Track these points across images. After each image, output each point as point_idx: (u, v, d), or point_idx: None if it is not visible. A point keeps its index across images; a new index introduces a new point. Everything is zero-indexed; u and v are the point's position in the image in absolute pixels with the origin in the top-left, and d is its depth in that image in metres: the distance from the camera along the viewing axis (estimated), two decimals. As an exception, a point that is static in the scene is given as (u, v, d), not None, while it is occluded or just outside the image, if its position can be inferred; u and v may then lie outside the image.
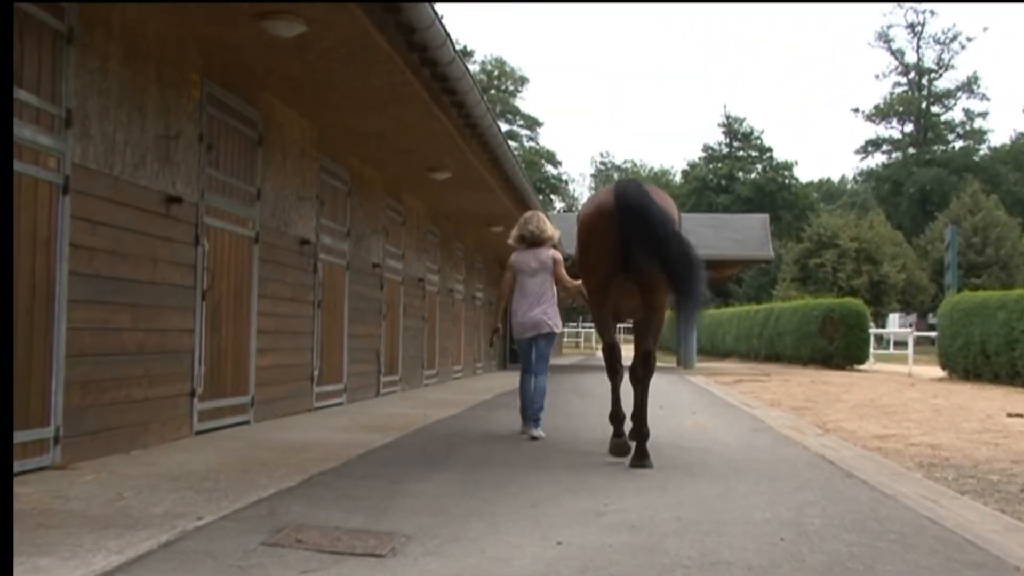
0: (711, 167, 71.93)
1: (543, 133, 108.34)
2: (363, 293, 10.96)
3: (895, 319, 47.74)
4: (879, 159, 74.40)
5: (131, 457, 5.54)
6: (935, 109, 71.67)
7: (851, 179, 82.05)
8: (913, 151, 70.22)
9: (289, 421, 8.03)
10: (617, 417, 6.31)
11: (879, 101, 73.37)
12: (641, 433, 5.85)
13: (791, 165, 70.30)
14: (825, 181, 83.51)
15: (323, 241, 9.50)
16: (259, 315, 7.80)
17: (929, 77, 71.26)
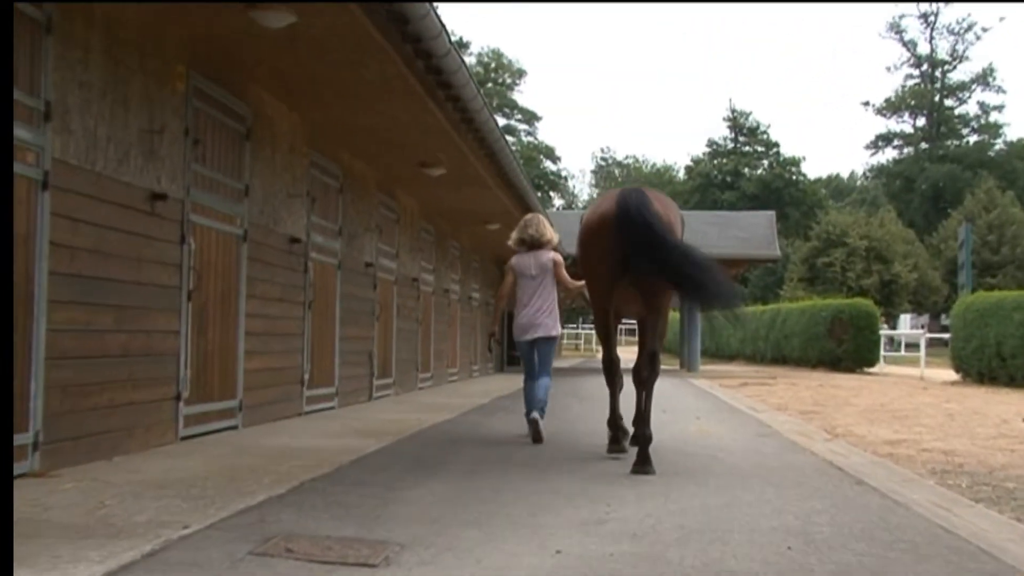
0: (716, 163, 71.94)
1: (542, 128, 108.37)
2: (355, 293, 10.95)
3: (906, 320, 47.85)
4: (890, 154, 74.48)
5: (114, 464, 5.53)
6: (949, 102, 71.66)
7: (861, 175, 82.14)
8: (926, 146, 70.24)
9: (278, 426, 8.03)
10: (615, 424, 6.60)
11: (890, 94, 73.36)
12: (644, 436, 5.89)
13: (799, 161, 70.36)
14: (834, 177, 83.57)
15: (314, 239, 9.49)
16: (247, 316, 7.80)
17: (943, 69, 71.26)
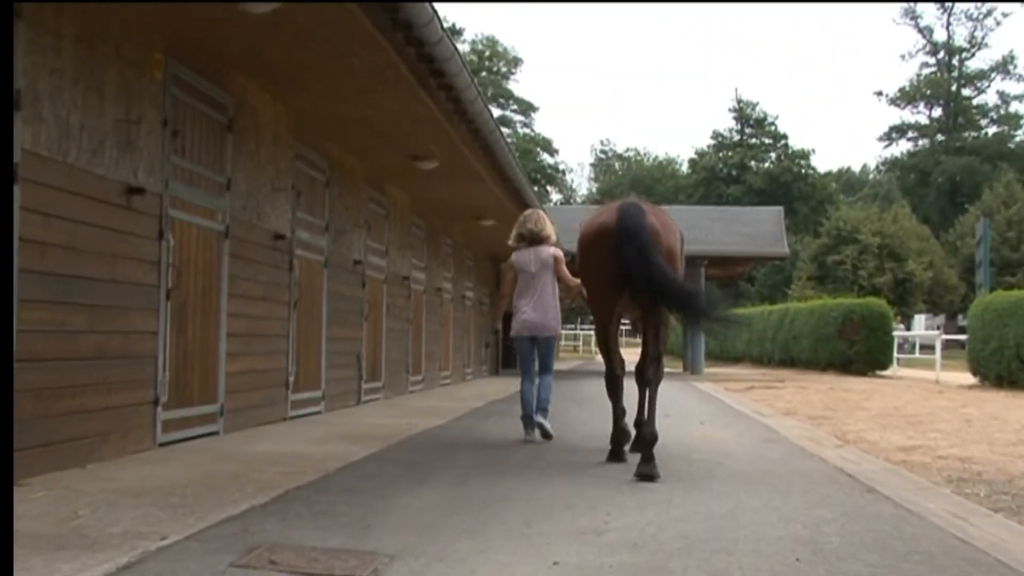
0: (721, 155, 72.05)
1: (538, 119, 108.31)
2: (343, 292, 10.95)
3: (921, 321, 47.97)
4: (904, 147, 74.71)
5: (87, 471, 5.52)
6: (966, 92, 71.82)
7: (873, 168, 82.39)
8: (942, 138, 70.40)
9: (262, 431, 8.02)
10: (618, 439, 6.72)
11: (904, 83, 73.63)
12: (648, 436, 5.96)
13: (808, 153, 70.48)
14: (845, 171, 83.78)
15: (299, 236, 9.49)
16: (229, 316, 7.79)
17: (960, 56, 71.42)
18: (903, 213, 52.09)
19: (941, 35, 72.00)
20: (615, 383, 6.78)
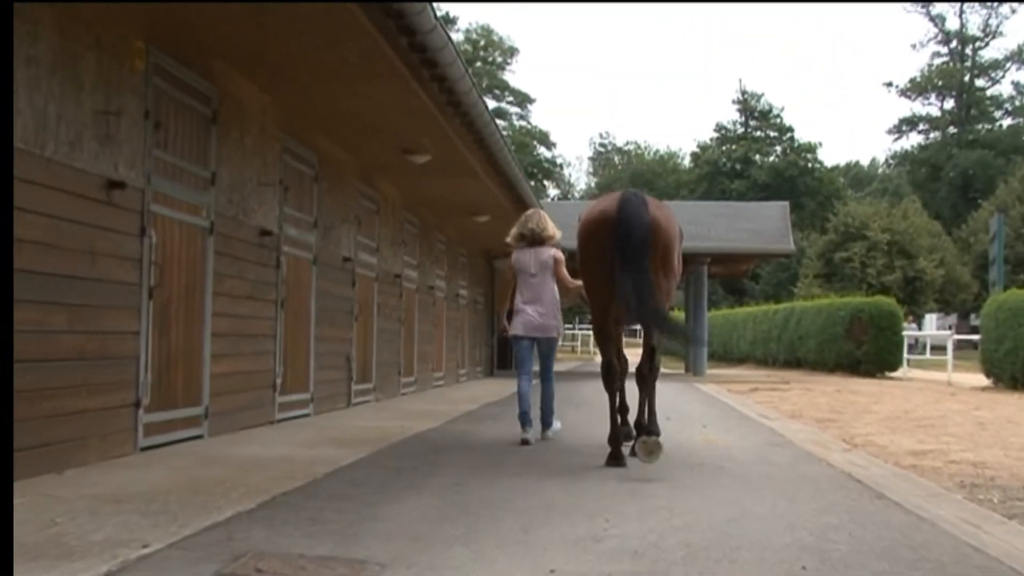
0: (724, 149, 72.11)
1: (535, 111, 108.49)
2: (332, 291, 10.95)
3: (932, 320, 47.99)
4: (915, 140, 74.83)
5: (66, 477, 5.51)
6: (980, 82, 71.89)
7: (883, 162, 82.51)
8: (954, 130, 70.47)
9: (248, 435, 8.02)
10: (616, 439, 6.68)
11: (915, 74, 73.96)
12: (651, 434, 6.22)
13: (814, 147, 70.60)
14: (853, 165, 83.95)
15: (287, 232, 9.48)
16: (214, 316, 7.78)
17: (973, 46, 71.47)
18: (913, 209, 52.07)
19: (954, 23, 72.31)
20: (612, 374, 6.76)
